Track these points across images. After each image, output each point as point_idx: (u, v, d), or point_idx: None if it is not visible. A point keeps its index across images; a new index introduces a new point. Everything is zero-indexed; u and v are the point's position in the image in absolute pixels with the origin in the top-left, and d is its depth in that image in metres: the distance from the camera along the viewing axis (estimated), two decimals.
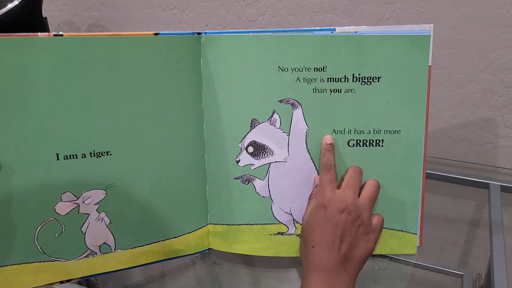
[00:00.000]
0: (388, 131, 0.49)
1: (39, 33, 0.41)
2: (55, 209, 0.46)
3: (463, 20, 0.69)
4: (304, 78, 0.48)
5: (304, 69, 0.48)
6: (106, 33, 0.44)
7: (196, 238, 0.54)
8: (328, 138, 0.48)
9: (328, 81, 0.48)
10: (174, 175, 0.51)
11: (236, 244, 0.54)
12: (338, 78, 0.48)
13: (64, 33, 0.42)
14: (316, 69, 0.48)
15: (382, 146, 0.49)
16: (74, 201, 0.47)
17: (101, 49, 0.44)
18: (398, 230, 0.51)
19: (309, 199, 0.48)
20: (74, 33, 0.43)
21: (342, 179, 0.47)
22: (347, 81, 0.48)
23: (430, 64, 0.48)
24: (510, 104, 0.70)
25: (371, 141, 0.49)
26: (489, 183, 0.67)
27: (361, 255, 0.44)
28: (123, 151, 0.48)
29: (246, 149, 0.51)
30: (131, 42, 0.45)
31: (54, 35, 0.42)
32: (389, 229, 0.51)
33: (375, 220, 0.46)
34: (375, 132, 0.49)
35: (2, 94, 0.42)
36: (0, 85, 0.41)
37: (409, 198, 0.50)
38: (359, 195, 0.46)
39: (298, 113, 0.49)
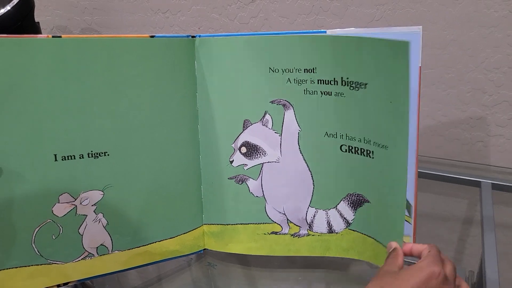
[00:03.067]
0: (377, 144, 0.46)
1: (38, 35, 0.42)
2: (52, 210, 0.47)
3: (452, 21, 0.69)
4: (294, 79, 0.48)
5: (294, 70, 0.48)
6: (104, 35, 0.44)
7: (192, 238, 0.54)
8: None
9: (318, 83, 0.48)
10: (170, 175, 0.51)
11: (231, 244, 0.54)
12: (328, 81, 0.48)
13: (62, 35, 0.42)
14: (306, 70, 0.48)
15: (373, 158, 0.47)
16: (72, 202, 0.47)
17: (99, 50, 0.44)
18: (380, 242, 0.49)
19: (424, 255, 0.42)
20: (73, 35, 0.43)
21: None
22: (336, 84, 0.48)
23: (420, 65, 0.48)
24: (500, 103, 0.71)
25: (362, 150, 0.48)
26: (480, 181, 0.68)
27: None
28: (121, 152, 0.48)
29: (239, 149, 0.51)
30: (128, 44, 0.45)
31: (53, 36, 0.42)
32: (375, 239, 0.50)
33: None
34: (365, 141, 0.47)
35: (0, 95, 0.42)
36: None
37: (395, 218, 0.46)
38: None
39: (290, 114, 0.50)
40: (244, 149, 0.51)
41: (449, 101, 0.74)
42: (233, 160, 0.52)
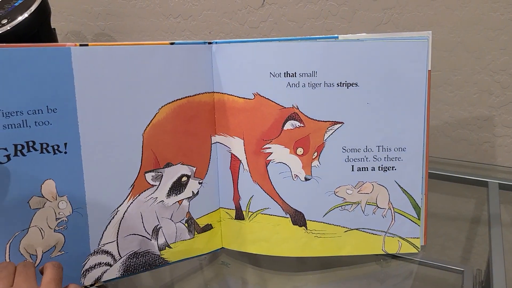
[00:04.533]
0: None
1: (67, 43, 0.43)
2: None
3: (459, 24, 0.71)
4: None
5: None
6: (127, 42, 0.46)
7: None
8: None
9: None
10: None
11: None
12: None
13: (89, 43, 0.44)
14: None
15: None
16: None
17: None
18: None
19: None
20: (98, 43, 0.45)
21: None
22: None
23: (429, 68, 0.50)
24: (507, 104, 0.72)
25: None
26: (487, 181, 0.69)
27: None
28: None
29: None
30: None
31: (80, 45, 0.44)
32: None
33: None
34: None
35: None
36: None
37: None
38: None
39: None
40: None
41: (456, 102, 0.75)
42: None
